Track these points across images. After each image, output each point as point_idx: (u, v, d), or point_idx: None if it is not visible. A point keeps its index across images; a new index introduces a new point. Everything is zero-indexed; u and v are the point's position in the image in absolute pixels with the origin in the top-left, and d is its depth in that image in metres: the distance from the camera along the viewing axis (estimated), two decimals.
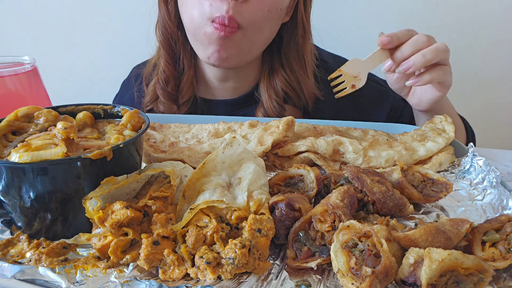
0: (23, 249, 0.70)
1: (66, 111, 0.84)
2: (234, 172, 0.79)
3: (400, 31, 1.06)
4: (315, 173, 0.80)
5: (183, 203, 0.73)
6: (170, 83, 1.44)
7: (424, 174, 0.85)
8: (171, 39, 1.40)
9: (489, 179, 0.88)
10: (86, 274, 0.65)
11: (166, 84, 1.43)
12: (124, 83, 1.69)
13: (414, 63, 1.02)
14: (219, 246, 0.65)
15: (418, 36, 1.04)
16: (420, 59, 1.02)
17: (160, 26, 1.40)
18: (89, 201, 0.67)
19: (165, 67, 1.43)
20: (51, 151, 0.65)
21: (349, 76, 1.09)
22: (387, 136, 1.09)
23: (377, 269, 0.57)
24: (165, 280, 0.63)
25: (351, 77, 1.09)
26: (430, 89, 1.13)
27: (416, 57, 1.02)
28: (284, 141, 1.02)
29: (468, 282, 0.57)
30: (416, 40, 1.03)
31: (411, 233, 0.61)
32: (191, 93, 1.46)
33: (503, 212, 0.79)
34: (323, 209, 0.68)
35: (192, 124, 1.17)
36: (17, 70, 1.04)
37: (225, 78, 1.44)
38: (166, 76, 1.43)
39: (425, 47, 1.03)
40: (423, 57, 1.01)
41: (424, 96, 1.17)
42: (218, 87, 1.48)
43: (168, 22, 1.37)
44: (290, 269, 0.66)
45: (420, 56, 1.02)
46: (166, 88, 1.43)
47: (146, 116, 0.81)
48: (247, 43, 1.23)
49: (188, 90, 1.45)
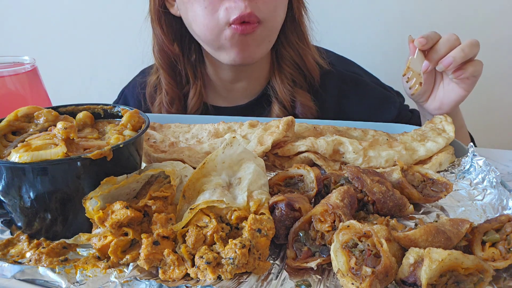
0: (23, 249, 0.70)
1: (66, 111, 0.84)
2: (234, 172, 0.79)
3: (428, 32, 1.08)
4: (315, 173, 0.80)
5: (183, 203, 0.73)
6: (174, 103, 1.43)
7: (424, 174, 0.85)
8: (171, 60, 1.39)
9: (489, 179, 0.88)
10: (86, 274, 0.65)
11: (171, 106, 1.43)
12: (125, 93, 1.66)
13: (455, 58, 1.04)
14: (219, 246, 0.65)
15: (449, 35, 1.07)
16: (460, 54, 1.04)
17: (157, 48, 1.38)
18: (89, 201, 0.67)
19: (168, 88, 1.41)
20: (51, 151, 0.65)
21: (416, 73, 1.09)
22: (387, 136, 1.09)
23: (377, 269, 0.57)
24: (165, 280, 0.63)
25: (417, 75, 1.09)
26: (455, 89, 1.13)
27: (455, 53, 1.04)
28: (284, 141, 1.02)
29: (468, 282, 0.57)
30: (449, 39, 1.06)
31: (411, 233, 0.61)
32: (200, 103, 1.45)
33: (503, 212, 0.79)
34: (323, 209, 0.68)
35: (192, 124, 1.17)
36: (17, 70, 1.04)
37: (238, 79, 1.43)
38: (170, 98, 1.42)
39: (458, 44, 1.06)
40: (462, 51, 1.04)
41: (447, 97, 1.16)
42: (228, 89, 1.47)
43: (166, 42, 1.35)
44: (290, 269, 0.66)
45: (460, 51, 1.04)
46: (171, 109, 1.43)
47: (146, 116, 0.81)
48: (267, 34, 1.24)
49: (197, 101, 1.44)
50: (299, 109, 1.37)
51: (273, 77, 1.40)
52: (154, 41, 1.39)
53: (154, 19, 1.35)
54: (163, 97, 1.43)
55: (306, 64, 1.38)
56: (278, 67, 1.39)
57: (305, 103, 1.38)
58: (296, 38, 1.36)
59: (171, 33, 1.36)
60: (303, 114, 1.38)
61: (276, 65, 1.39)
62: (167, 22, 1.35)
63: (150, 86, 1.48)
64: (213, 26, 1.18)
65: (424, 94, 1.20)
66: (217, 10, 1.15)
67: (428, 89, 1.19)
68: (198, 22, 1.21)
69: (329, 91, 1.44)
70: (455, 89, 1.13)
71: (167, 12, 1.34)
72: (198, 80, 1.43)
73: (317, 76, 1.41)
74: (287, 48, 1.37)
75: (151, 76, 1.49)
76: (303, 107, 1.37)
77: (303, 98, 1.38)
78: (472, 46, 1.05)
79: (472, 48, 1.05)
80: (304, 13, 1.37)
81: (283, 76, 1.38)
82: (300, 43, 1.37)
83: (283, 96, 1.37)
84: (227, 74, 1.42)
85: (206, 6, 1.16)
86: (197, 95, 1.43)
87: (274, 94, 1.40)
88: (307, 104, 1.38)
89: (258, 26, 1.18)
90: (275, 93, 1.39)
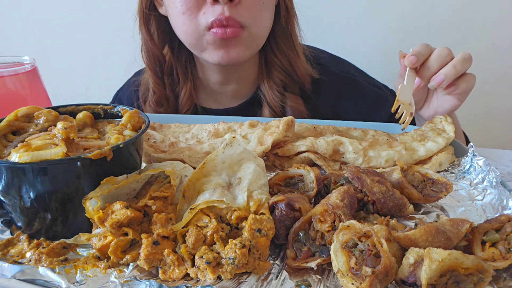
0: (23, 249, 0.70)
1: (66, 111, 0.84)
2: (234, 172, 0.79)
3: (419, 47, 1.05)
4: (315, 173, 0.80)
5: (183, 203, 0.73)
6: (163, 104, 1.43)
7: (424, 174, 0.85)
8: (157, 60, 1.39)
9: (489, 179, 0.88)
10: (86, 274, 0.65)
11: (158, 105, 1.43)
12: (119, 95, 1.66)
13: (446, 75, 1.02)
14: (219, 246, 0.65)
15: (440, 50, 1.04)
16: (451, 71, 1.02)
17: (144, 49, 1.39)
18: (89, 201, 0.67)
19: (155, 88, 1.42)
20: (51, 151, 0.65)
21: (406, 104, 1.08)
22: (387, 136, 1.09)
23: (377, 269, 0.57)
24: (165, 280, 0.63)
25: (407, 105, 1.08)
26: (449, 99, 1.12)
27: (447, 70, 1.02)
28: (284, 141, 1.02)
29: (468, 282, 0.57)
30: (440, 54, 1.04)
31: (411, 233, 0.61)
32: (190, 104, 1.45)
33: (503, 212, 0.79)
34: (323, 209, 0.68)
35: (192, 124, 1.17)
36: (17, 70, 1.04)
37: (227, 82, 1.43)
38: (157, 98, 1.42)
39: (449, 60, 1.03)
40: (454, 68, 1.01)
41: (441, 107, 1.16)
42: (219, 92, 1.47)
43: (151, 45, 1.36)
44: (290, 269, 0.66)
45: (451, 68, 1.02)
46: (158, 109, 1.43)
47: (146, 116, 0.81)
48: (253, 38, 1.24)
49: (187, 102, 1.44)
50: (290, 114, 1.37)
51: (262, 83, 1.41)
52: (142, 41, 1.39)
53: (140, 20, 1.35)
54: (150, 97, 1.43)
55: (296, 72, 1.39)
56: (266, 72, 1.39)
57: (296, 107, 1.38)
58: (285, 45, 1.37)
59: (160, 33, 1.36)
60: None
61: (265, 70, 1.39)
62: (156, 22, 1.35)
63: (143, 85, 1.49)
64: (192, 31, 1.19)
65: (418, 102, 1.20)
66: (196, 16, 1.16)
67: (422, 98, 1.19)
68: (178, 27, 1.23)
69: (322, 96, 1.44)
70: (448, 99, 1.13)
71: (156, 13, 1.34)
72: (189, 81, 1.43)
73: (308, 83, 1.41)
74: (277, 54, 1.37)
75: (144, 74, 1.49)
76: (293, 112, 1.37)
77: (294, 103, 1.38)
78: (464, 61, 1.02)
79: (464, 64, 1.02)
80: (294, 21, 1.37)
81: (272, 82, 1.38)
82: (289, 51, 1.37)
83: (272, 102, 1.37)
84: (215, 75, 1.42)
85: (184, 12, 1.17)
86: (187, 96, 1.43)
87: (264, 98, 1.40)
88: (298, 109, 1.38)
89: (242, 30, 1.18)
90: (265, 97, 1.40)
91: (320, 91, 1.43)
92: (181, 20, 1.19)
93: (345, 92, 1.46)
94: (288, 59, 1.37)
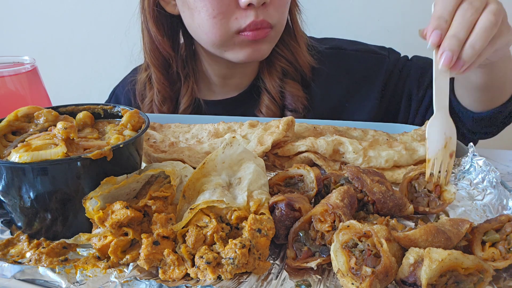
0: (23, 249, 0.70)
1: (66, 111, 0.84)
2: (234, 172, 0.79)
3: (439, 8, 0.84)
4: (315, 173, 0.80)
5: (183, 203, 0.73)
6: (166, 103, 1.43)
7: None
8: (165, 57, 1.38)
9: (489, 179, 0.88)
10: (86, 274, 0.65)
11: (162, 104, 1.43)
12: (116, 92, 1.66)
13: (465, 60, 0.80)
14: (219, 246, 0.65)
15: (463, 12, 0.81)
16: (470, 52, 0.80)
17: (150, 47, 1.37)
18: (89, 201, 0.67)
19: (160, 87, 1.41)
20: (51, 151, 0.65)
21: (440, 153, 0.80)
22: (387, 136, 1.09)
23: (377, 269, 0.57)
24: (165, 280, 0.64)
25: (443, 150, 0.80)
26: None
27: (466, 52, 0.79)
28: (284, 141, 1.02)
29: (468, 282, 0.57)
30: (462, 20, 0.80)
31: (411, 233, 0.61)
32: (191, 99, 1.45)
33: (503, 212, 0.79)
34: (323, 209, 0.68)
35: (192, 124, 1.17)
36: (17, 70, 1.04)
37: (231, 76, 1.45)
38: (162, 97, 1.42)
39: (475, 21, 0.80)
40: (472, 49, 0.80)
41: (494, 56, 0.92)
42: (222, 85, 1.48)
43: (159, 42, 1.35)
44: (290, 269, 0.66)
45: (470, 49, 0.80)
46: (162, 108, 1.43)
47: (146, 116, 0.81)
48: (278, 34, 1.28)
49: (189, 98, 1.44)
50: (289, 99, 1.38)
51: (262, 71, 1.41)
52: (145, 39, 1.39)
53: (149, 18, 1.34)
54: (155, 96, 1.43)
55: (298, 61, 1.40)
56: (268, 62, 1.40)
57: (294, 93, 1.38)
58: (289, 36, 1.38)
59: (166, 31, 1.36)
60: (293, 104, 1.39)
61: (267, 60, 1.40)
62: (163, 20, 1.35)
63: (140, 84, 1.48)
64: (222, 33, 1.20)
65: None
66: (228, 20, 1.17)
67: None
68: (205, 30, 1.22)
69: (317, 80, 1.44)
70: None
71: (162, 11, 1.34)
72: (191, 76, 1.44)
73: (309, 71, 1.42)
74: (280, 46, 1.38)
75: (141, 73, 1.48)
76: (292, 97, 1.38)
77: (292, 89, 1.38)
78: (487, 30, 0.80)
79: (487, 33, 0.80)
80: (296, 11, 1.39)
81: (273, 69, 1.39)
82: (291, 42, 1.38)
83: (271, 89, 1.38)
84: (223, 70, 1.43)
85: (215, 16, 1.17)
86: (189, 92, 1.43)
87: (263, 85, 1.41)
88: (297, 94, 1.38)
89: (271, 30, 1.21)
90: (265, 85, 1.41)
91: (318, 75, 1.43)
92: (210, 23, 1.18)
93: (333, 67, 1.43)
94: (291, 49, 1.39)
